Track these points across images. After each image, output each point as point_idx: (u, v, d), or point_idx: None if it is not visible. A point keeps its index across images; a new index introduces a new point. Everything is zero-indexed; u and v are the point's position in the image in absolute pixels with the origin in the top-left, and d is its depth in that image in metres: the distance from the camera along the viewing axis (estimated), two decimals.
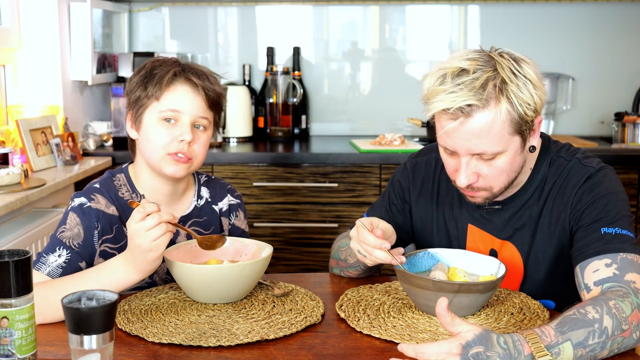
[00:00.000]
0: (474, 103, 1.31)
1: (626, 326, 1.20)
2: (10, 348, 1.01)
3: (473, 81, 1.32)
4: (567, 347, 1.14)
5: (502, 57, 1.36)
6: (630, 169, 3.01)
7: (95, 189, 1.57)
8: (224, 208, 1.71)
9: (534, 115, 1.36)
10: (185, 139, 1.52)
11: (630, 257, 1.33)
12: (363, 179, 3.03)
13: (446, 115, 1.34)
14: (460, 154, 1.38)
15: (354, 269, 1.61)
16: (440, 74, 1.36)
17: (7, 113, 2.83)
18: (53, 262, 1.47)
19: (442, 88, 1.33)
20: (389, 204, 1.68)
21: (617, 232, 1.37)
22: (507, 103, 1.32)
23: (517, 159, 1.41)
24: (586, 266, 1.36)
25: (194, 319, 1.36)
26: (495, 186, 1.43)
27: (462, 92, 1.31)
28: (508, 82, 1.33)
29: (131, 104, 1.58)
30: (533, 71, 1.36)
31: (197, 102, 1.55)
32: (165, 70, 1.55)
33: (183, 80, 1.55)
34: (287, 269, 3.09)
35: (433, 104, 1.35)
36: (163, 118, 1.53)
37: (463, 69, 1.34)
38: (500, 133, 1.34)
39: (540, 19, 3.54)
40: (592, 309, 1.20)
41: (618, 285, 1.29)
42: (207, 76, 1.57)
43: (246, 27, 3.64)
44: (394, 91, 3.64)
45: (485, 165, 1.39)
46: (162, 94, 1.53)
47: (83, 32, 3.08)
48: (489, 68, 1.33)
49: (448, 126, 1.35)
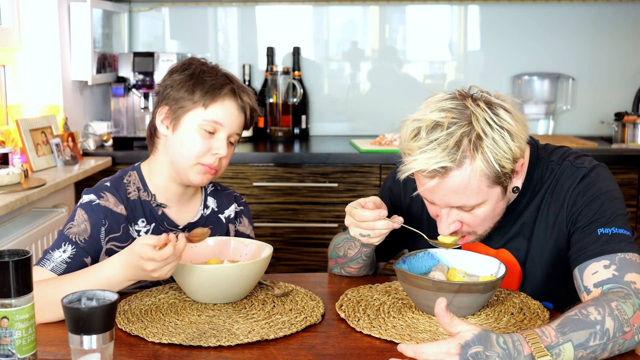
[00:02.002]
0: (447, 165, 1.30)
1: (628, 328, 1.20)
2: (10, 348, 1.01)
3: (447, 139, 1.30)
4: (567, 348, 1.14)
5: (478, 106, 1.33)
6: (630, 169, 3.01)
7: (105, 187, 1.58)
8: (231, 215, 1.73)
9: (512, 165, 1.35)
10: (220, 154, 1.56)
11: (629, 257, 1.33)
12: (363, 179, 3.03)
13: (421, 174, 1.35)
14: (440, 206, 1.40)
15: (355, 262, 1.61)
16: (415, 126, 1.34)
17: (7, 113, 2.83)
18: (57, 257, 1.48)
19: (416, 145, 1.32)
20: None
21: (613, 232, 1.36)
22: (482, 160, 1.31)
23: (499, 204, 1.41)
24: (585, 268, 1.35)
25: (194, 319, 1.36)
26: (480, 230, 1.44)
27: (436, 152, 1.30)
28: (483, 137, 1.30)
29: (169, 100, 1.58)
30: (511, 117, 1.34)
31: (239, 119, 1.59)
32: (219, 82, 1.56)
33: (234, 97, 1.58)
34: (287, 269, 3.09)
35: (408, 164, 1.34)
36: (204, 127, 1.55)
37: (437, 122, 1.32)
38: (477, 187, 1.34)
39: (540, 19, 3.54)
40: (594, 310, 1.19)
41: (618, 286, 1.28)
42: (252, 96, 1.62)
43: (246, 27, 3.64)
44: (394, 91, 3.64)
45: (467, 215, 1.40)
46: (212, 104, 1.55)
47: (83, 32, 3.08)
48: (463, 122, 1.31)
49: (426, 185, 1.36)
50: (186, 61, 1.62)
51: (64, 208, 2.66)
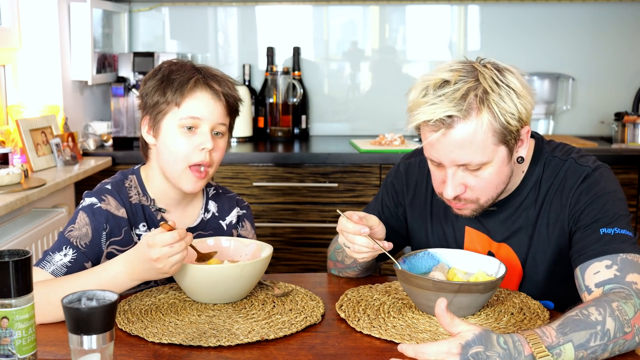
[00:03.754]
0: (454, 114, 1.32)
1: (628, 329, 1.20)
2: (10, 348, 1.01)
3: (454, 92, 1.32)
4: (568, 349, 1.14)
5: (485, 67, 1.36)
6: (630, 169, 3.01)
7: (106, 189, 1.57)
8: (233, 220, 1.72)
9: (518, 125, 1.36)
10: (206, 147, 1.52)
11: (631, 257, 1.33)
12: (363, 179, 3.03)
13: (428, 127, 1.35)
14: (445, 165, 1.38)
15: (352, 269, 1.61)
16: (423, 86, 1.36)
17: (7, 113, 2.83)
18: (58, 260, 1.47)
19: (424, 100, 1.34)
20: (382, 206, 1.68)
21: (615, 232, 1.36)
22: (488, 113, 1.32)
23: (504, 169, 1.40)
24: (586, 268, 1.35)
25: (194, 319, 1.36)
26: (482, 198, 1.42)
27: (443, 103, 1.32)
28: (489, 91, 1.33)
29: (147, 108, 1.56)
30: (517, 80, 1.36)
31: (217, 109, 1.54)
32: (186, 77, 1.53)
33: (204, 87, 1.53)
34: (287, 269, 3.09)
35: (414, 117, 1.36)
36: (183, 126, 1.52)
37: (445, 80, 1.34)
38: (483, 143, 1.34)
39: (540, 19, 3.54)
40: (594, 311, 1.19)
41: (620, 286, 1.28)
42: (226, 82, 1.57)
43: (246, 27, 3.64)
44: (394, 91, 3.64)
45: (472, 177, 1.39)
46: (183, 100, 1.52)
47: (83, 32, 3.08)
48: (470, 79, 1.34)
49: (430, 138, 1.36)
50: (157, 66, 1.59)
51: (64, 208, 2.66)
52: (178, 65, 1.56)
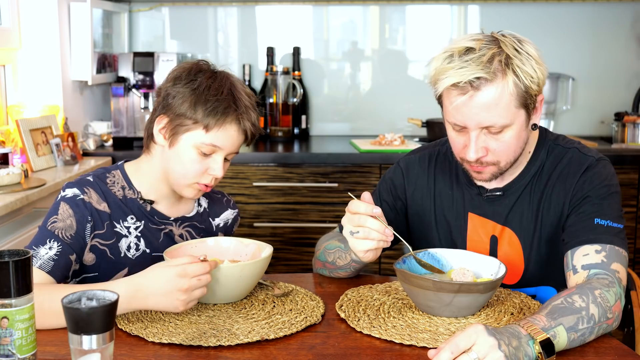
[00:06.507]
0: (482, 76, 1.36)
1: (610, 314, 1.28)
2: (10, 348, 1.01)
3: (480, 57, 1.38)
4: (561, 331, 1.20)
5: (504, 37, 1.43)
6: (630, 169, 3.01)
7: (88, 182, 1.54)
8: (228, 223, 1.73)
9: (537, 90, 1.42)
10: (217, 176, 1.53)
11: (617, 249, 1.40)
12: (363, 179, 3.03)
13: (456, 90, 1.39)
14: (469, 128, 1.42)
15: (344, 270, 1.61)
16: (448, 54, 1.41)
17: (7, 113, 2.83)
18: (44, 254, 1.44)
19: (450, 66, 1.39)
20: (380, 200, 1.69)
21: (609, 224, 1.43)
22: (513, 76, 1.38)
23: (523, 133, 1.45)
24: (577, 249, 1.41)
25: (194, 319, 1.36)
26: (503, 160, 1.46)
27: (471, 66, 1.37)
28: (512, 57, 1.39)
29: (169, 111, 1.52)
30: (534, 49, 1.44)
31: (238, 141, 1.55)
32: (222, 106, 1.49)
33: (236, 122, 1.52)
34: (287, 269, 3.09)
35: (442, 81, 1.40)
36: (201, 150, 1.51)
37: (469, 47, 1.40)
38: (507, 106, 1.39)
39: (540, 19, 3.54)
40: (578, 298, 1.26)
41: (604, 272, 1.35)
42: (255, 115, 1.55)
43: (246, 27, 3.64)
44: (394, 91, 3.64)
45: (494, 140, 1.43)
46: (212, 128, 1.49)
47: (83, 32, 3.08)
48: (493, 46, 1.40)
49: (458, 101, 1.40)
50: (193, 68, 1.54)
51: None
52: (216, 84, 1.51)
